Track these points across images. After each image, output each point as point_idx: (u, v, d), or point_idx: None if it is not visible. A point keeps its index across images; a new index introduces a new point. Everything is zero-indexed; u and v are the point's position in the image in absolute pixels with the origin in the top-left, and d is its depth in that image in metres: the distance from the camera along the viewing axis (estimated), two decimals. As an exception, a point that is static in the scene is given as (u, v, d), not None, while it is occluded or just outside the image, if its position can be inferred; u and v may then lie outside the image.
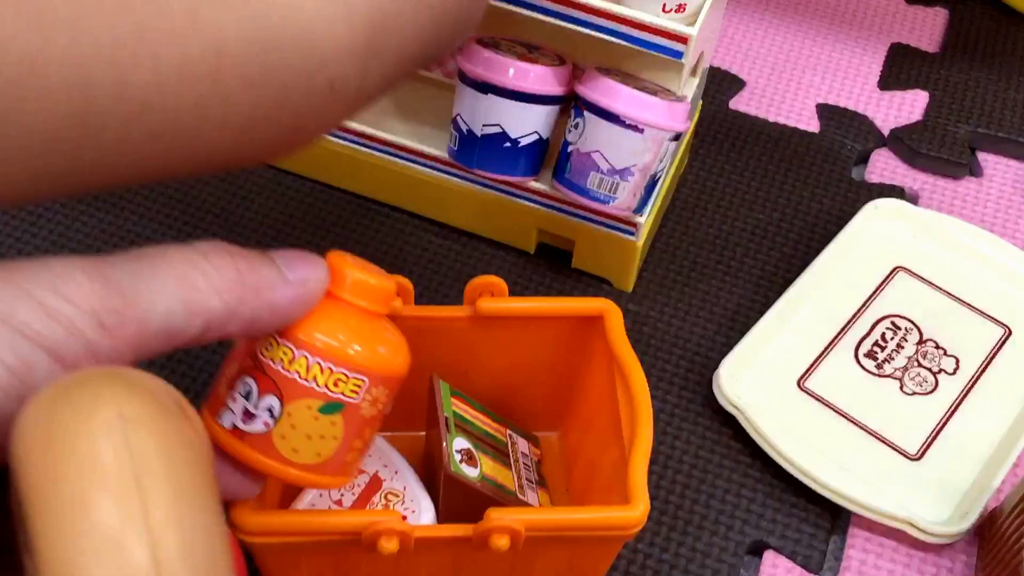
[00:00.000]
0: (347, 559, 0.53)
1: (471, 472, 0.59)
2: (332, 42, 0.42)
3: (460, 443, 0.60)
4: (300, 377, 0.42)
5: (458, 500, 0.57)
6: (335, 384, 0.43)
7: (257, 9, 0.40)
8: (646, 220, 0.74)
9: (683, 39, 0.64)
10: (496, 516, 0.51)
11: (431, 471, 0.61)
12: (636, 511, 0.52)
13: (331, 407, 0.43)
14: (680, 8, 0.65)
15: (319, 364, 0.42)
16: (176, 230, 0.78)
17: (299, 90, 0.42)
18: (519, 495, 0.60)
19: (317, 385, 0.43)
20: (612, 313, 0.60)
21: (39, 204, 0.78)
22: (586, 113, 0.68)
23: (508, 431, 0.65)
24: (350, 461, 0.45)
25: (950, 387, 0.72)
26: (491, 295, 0.60)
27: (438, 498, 0.59)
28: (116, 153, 0.38)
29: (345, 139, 0.78)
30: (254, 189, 0.81)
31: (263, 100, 0.41)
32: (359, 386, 0.43)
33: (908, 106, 0.93)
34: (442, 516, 0.59)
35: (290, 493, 0.60)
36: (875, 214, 0.81)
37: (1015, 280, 0.78)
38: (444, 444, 0.58)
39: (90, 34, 0.36)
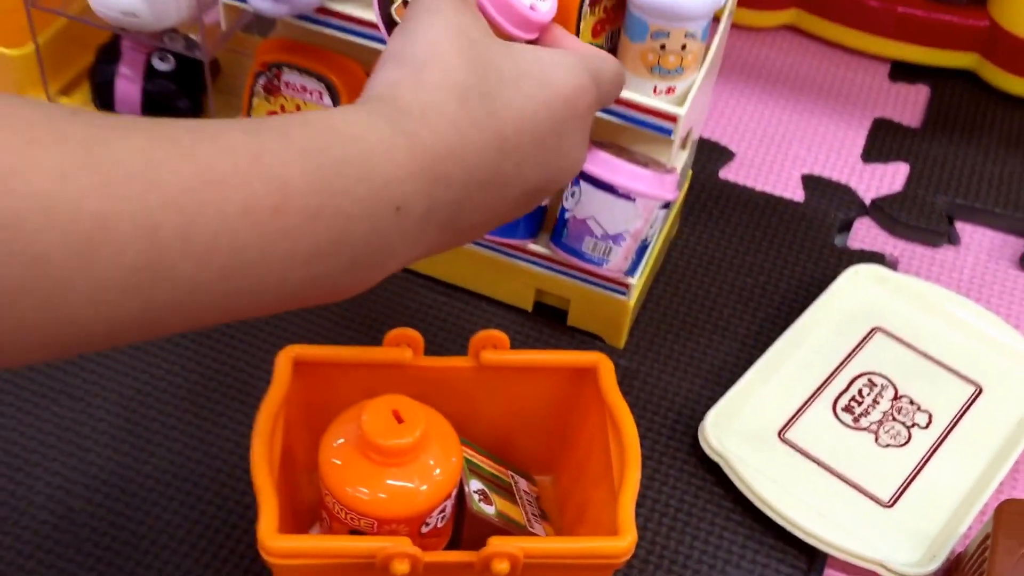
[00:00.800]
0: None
1: (489, 509, 0.64)
2: (394, 167, 0.44)
3: (475, 484, 0.65)
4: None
5: (477, 534, 0.62)
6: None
7: (319, 142, 0.42)
8: (637, 281, 0.80)
9: (672, 118, 0.70)
10: (498, 543, 0.56)
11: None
12: (624, 542, 0.57)
13: None
14: (670, 91, 0.71)
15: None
16: (200, 287, 0.84)
17: (363, 217, 0.43)
18: (529, 528, 0.65)
19: None
20: (604, 365, 0.65)
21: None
22: (583, 183, 0.74)
23: (510, 472, 0.70)
24: None
25: (922, 440, 0.77)
26: (493, 347, 0.66)
27: (460, 533, 0.64)
28: (188, 293, 0.39)
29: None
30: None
31: (328, 230, 0.42)
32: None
33: (890, 177, 0.99)
34: (464, 547, 0.63)
35: (301, 520, 0.65)
36: (855, 278, 0.87)
37: (987, 342, 0.83)
38: (466, 487, 0.64)
39: (157, 186, 0.38)
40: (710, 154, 1.00)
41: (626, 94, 0.71)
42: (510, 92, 0.49)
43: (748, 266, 0.90)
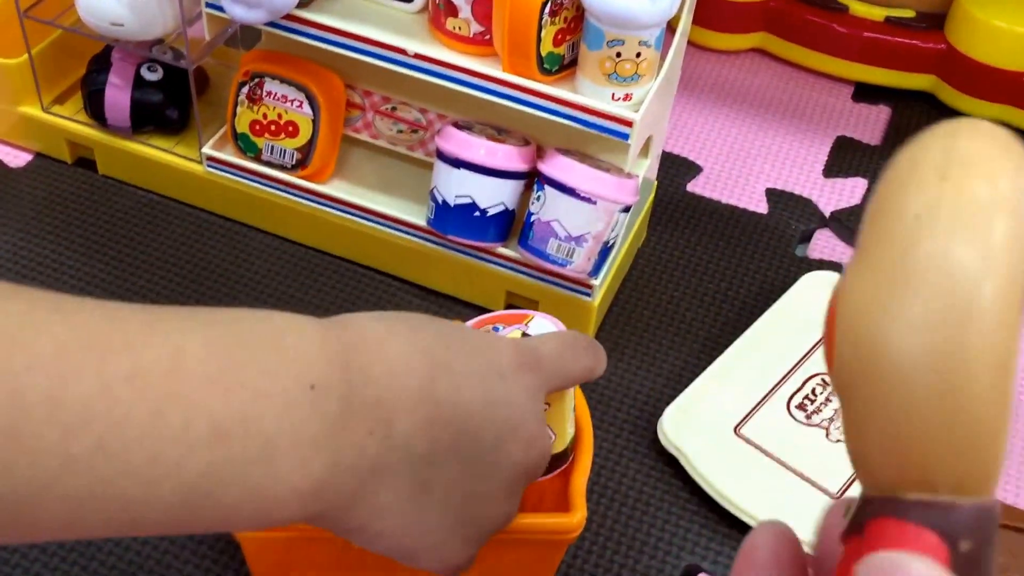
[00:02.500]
0: (333, 556, 0.61)
1: None
2: (305, 350, 0.43)
3: None
4: None
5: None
6: None
7: (227, 315, 0.42)
8: (601, 283, 0.83)
9: (628, 123, 0.74)
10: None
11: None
12: (575, 517, 0.60)
13: None
14: (627, 97, 0.75)
15: None
16: (184, 287, 0.87)
17: (273, 392, 0.41)
18: None
19: None
20: (561, 355, 0.69)
21: None
22: (546, 187, 0.78)
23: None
24: None
25: (872, 436, 0.81)
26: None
27: None
28: (58, 468, 0.36)
29: (335, 208, 0.87)
30: (254, 252, 0.91)
31: (228, 402, 0.39)
32: None
33: (849, 191, 1.03)
34: None
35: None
36: (811, 284, 0.90)
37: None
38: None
39: (27, 347, 0.36)
40: (679, 168, 1.04)
41: (586, 100, 0.75)
42: (457, 340, 0.49)
43: (711, 273, 0.94)
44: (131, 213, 0.93)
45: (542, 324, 0.61)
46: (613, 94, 0.75)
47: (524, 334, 0.58)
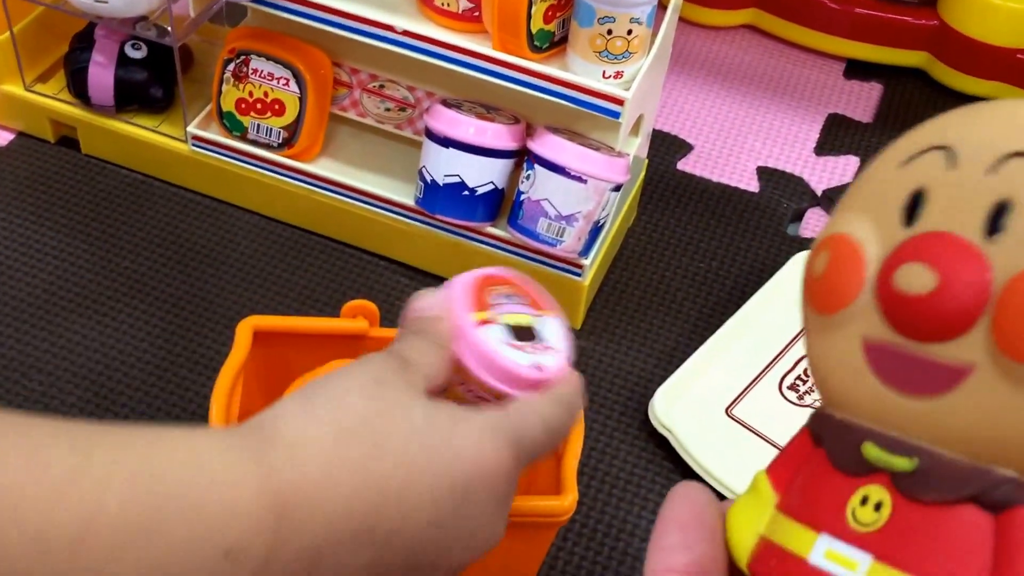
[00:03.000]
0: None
1: None
2: (234, 503, 0.39)
3: None
4: None
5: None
6: None
7: (156, 467, 0.39)
8: (591, 263, 0.83)
9: (619, 101, 0.73)
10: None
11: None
12: (566, 500, 0.59)
13: None
14: (618, 75, 0.74)
15: None
16: (169, 268, 0.86)
17: (182, 560, 0.38)
18: None
19: None
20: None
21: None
22: (536, 166, 0.77)
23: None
24: None
25: (864, 416, 0.80)
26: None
27: None
28: None
29: (323, 188, 0.86)
30: (240, 232, 0.90)
31: (135, 572, 0.38)
32: None
33: (841, 169, 1.02)
34: None
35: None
36: (802, 263, 0.89)
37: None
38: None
39: None
40: (669, 146, 1.03)
41: (577, 78, 0.74)
42: (409, 445, 0.44)
43: (702, 252, 0.93)
44: (115, 193, 0.92)
45: (554, 329, 0.55)
46: (604, 72, 0.74)
47: (531, 330, 0.53)
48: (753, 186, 1.00)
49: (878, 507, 0.38)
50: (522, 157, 0.80)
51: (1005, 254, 0.35)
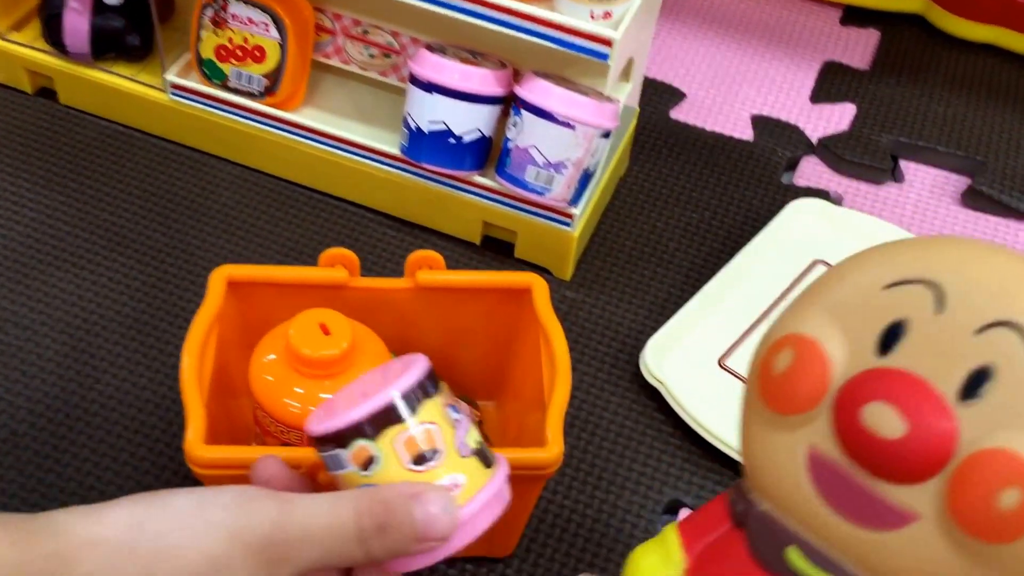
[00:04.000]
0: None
1: None
2: None
3: None
4: None
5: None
6: None
7: None
8: (581, 212, 0.81)
9: (607, 42, 0.71)
10: (423, 454, 0.56)
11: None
12: (551, 452, 0.58)
13: None
14: (606, 15, 0.72)
15: None
16: (149, 220, 0.84)
17: None
18: None
19: None
20: (539, 285, 0.66)
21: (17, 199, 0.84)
22: (523, 112, 0.75)
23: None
24: None
25: (859, 367, 0.79)
26: (429, 268, 0.67)
27: None
28: None
29: (305, 137, 0.84)
30: (222, 184, 0.88)
31: None
32: None
33: (837, 117, 1.00)
34: None
35: (239, 434, 0.65)
36: (797, 212, 0.88)
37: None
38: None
39: None
40: (661, 95, 1.01)
41: (563, 19, 0.71)
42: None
43: (695, 202, 0.91)
44: (94, 144, 0.90)
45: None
46: (592, 12, 0.71)
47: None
48: (747, 135, 0.98)
49: None
50: (509, 104, 0.78)
51: (975, 422, 0.36)
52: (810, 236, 0.86)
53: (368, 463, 0.46)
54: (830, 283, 0.42)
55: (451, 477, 0.47)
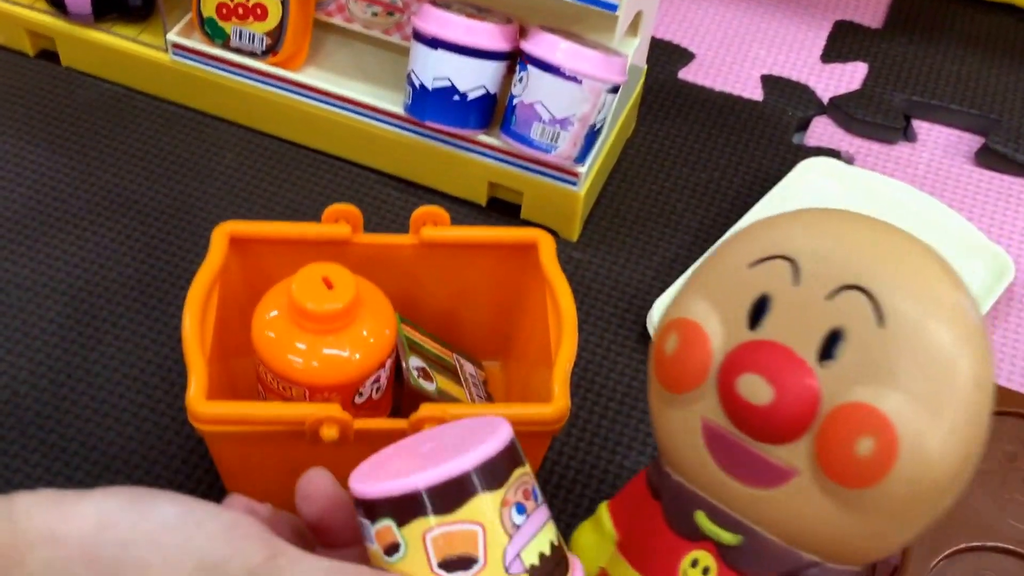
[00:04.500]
0: (295, 452, 0.58)
1: (429, 386, 0.64)
2: None
3: (416, 362, 0.65)
4: None
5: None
6: None
7: None
8: (588, 171, 0.79)
9: (614, -6, 0.70)
10: (428, 409, 0.56)
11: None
12: (556, 407, 0.57)
13: None
14: (613, -33, 0.71)
15: None
16: (152, 182, 0.83)
17: None
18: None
19: None
20: (545, 241, 0.65)
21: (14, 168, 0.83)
22: (529, 67, 0.74)
23: (455, 355, 0.70)
24: None
25: (870, 326, 0.78)
26: (434, 224, 0.66)
27: (400, 411, 0.64)
28: None
29: (308, 96, 0.83)
30: (225, 145, 0.87)
31: None
32: None
33: (848, 77, 0.98)
34: None
35: (244, 390, 0.65)
36: (808, 171, 0.86)
37: (938, 232, 0.83)
38: (404, 363, 0.63)
39: None
40: (670, 55, 0.99)
41: (568, -28, 0.70)
42: None
43: (703, 163, 0.90)
44: (96, 106, 0.89)
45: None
46: (597, -36, 0.70)
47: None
48: (757, 95, 0.96)
49: (706, 572, 0.44)
50: (515, 62, 0.76)
51: (834, 381, 0.40)
52: (820, 195, 0.85)
53: (392, 549, 0.40)
54: (706, 267, 0.46)
55: None
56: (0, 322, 0.74)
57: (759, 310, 0.42)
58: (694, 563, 0.45)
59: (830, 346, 0.40)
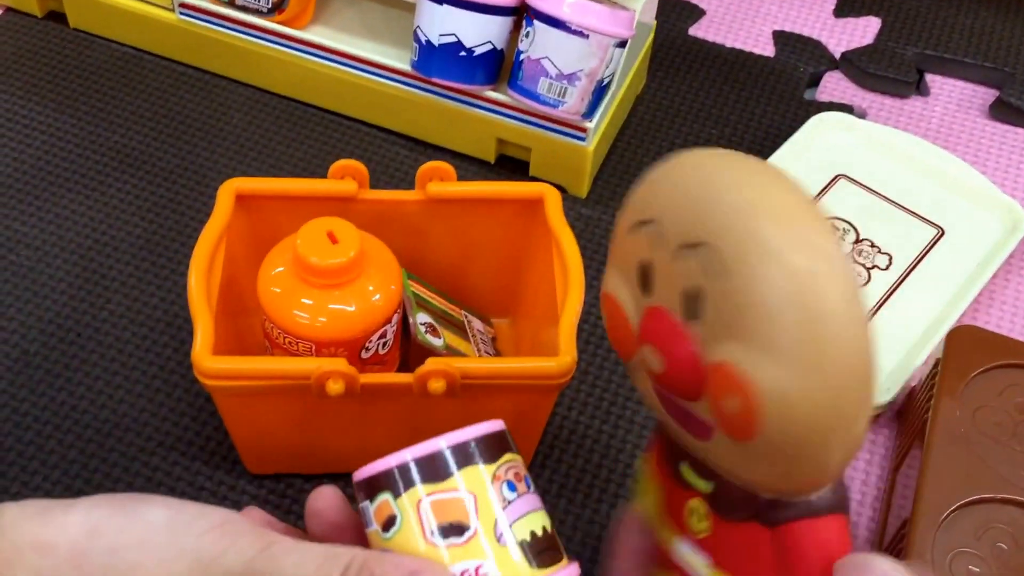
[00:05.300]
0: (302, 407, 0.58)
1: (436, 341, 0.64)
2: None
3: (423, 317, 0.65)
4: None
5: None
6: None
7: None
8: (596, 127, 0.79)
9: (621, -54, 0.69)
10: (433, 363, 0.56)
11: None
12: (563, 361, 0.57)
13: None
14: (619, -82, 0.70)
15: None
16: (160, 142, 0.83)
17: None
18: None
19: None
20: (551, 195, 0.65)
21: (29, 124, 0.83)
22: (536, 22, 0.73)
23: (463, 311, 0.70)
24: None
25: (882, 281, 0.77)
26: (440, 180, 0.65)
27: (407, 367, 0.64)
28: None
29: (315, 55, 0.83)
30: (233, 106, 0.86)
31: None
32: None
33: (860, 31, 0.97)
34: None
35: (249, 345, 0.65)
36: (820, 126, 0.86)
37: (950, 185, 0.83)
38: (411, 319, 0.63)
39: None
40: (680, 12, 0.98)
41: (574, -77, 0.69)
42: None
43: (714, 119, 0.89)
44: (104, 67, 0.89)
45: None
46: (603, -85, 0.69)
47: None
48: (768, 50, 0.95)
49: (703, 518, 0.44)
50: (521, 17, 0.76)
51: (703, 342, 0.39)
52: (832, 150, 0.84)
53: (389, 523, 0.41)
54: (612, 238, 0.45)
55: (474, 564, 0.40)
56: (10, 281, 0.74)
57: (645, 277, 0.41)
58: (693, 510, 0.45)
59: (692, 306, 0.39)
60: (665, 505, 0.47)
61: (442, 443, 0.42)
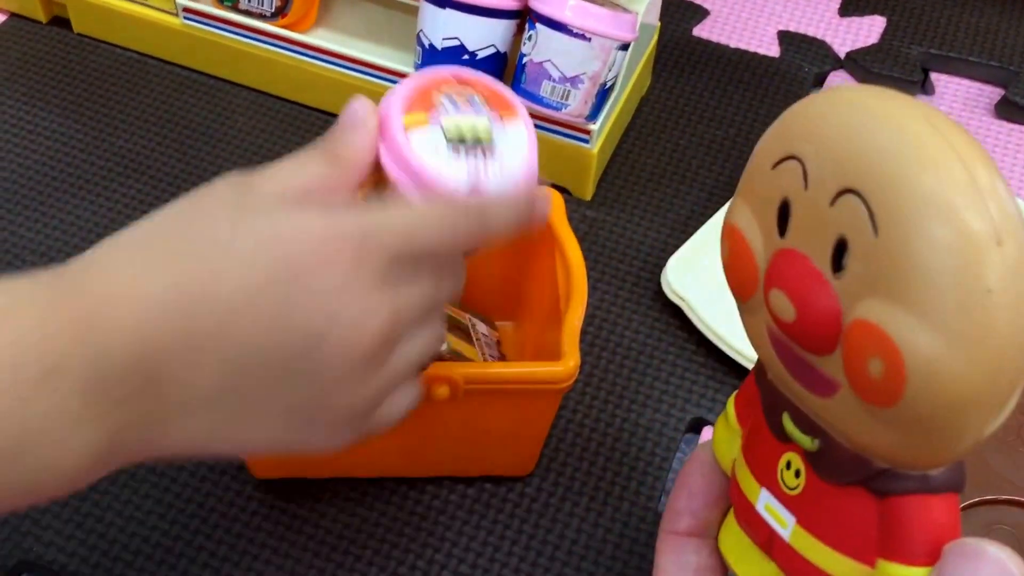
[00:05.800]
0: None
1: (441, 347, 0.64)
2: (32, 329, 0.39)
3: None
4: None
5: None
6: None
7: None
8: (600, 129, 0.79)
9: (623, -52, 0.69)
10: (437, 368, 0.56)
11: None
12: (566, 365, 0.57)
13: None
14: (622, -79, 0.70)
15: None
16: (165, 146, 0.84)
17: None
18: None
19: None
20: (555, 198, 0.65)
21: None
22: (538, 25, 0.73)
23: (468, 315, 0.70)
24: None
25: (887, 282, 0.77)
26: (442, 185, 0.65)
27: None
28: None
29: (318, 59, 0.83)
30: (237, 109, 0.86)
31: None
32: None
33: (865, 30, 0.97)
34: None
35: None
36: (824, 127, 0.85)
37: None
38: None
39: None
40: (684, 12, 0.98)
41: (576, -74, 0.69)
42: (216, 250, 0.43)
43: (719, 119, 0.89)
44: (108, 72, 0.89)
45: (514, 138, 0.49)
46: (606, -82, 0.69)
47: (479, 137, 0.48)
48: (773, 51, 0.95)
49: (798, 474, 0.43)
50: (524, 20, 0.76)
51: (847, 295, 0.37)
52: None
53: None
54: (747, 169, 0.43)
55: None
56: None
57: (783, 217, 0.39)
58: (788, 465, 0.43)
59: (839, 257, 0.36)
60: (755, 454, 0.45)
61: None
